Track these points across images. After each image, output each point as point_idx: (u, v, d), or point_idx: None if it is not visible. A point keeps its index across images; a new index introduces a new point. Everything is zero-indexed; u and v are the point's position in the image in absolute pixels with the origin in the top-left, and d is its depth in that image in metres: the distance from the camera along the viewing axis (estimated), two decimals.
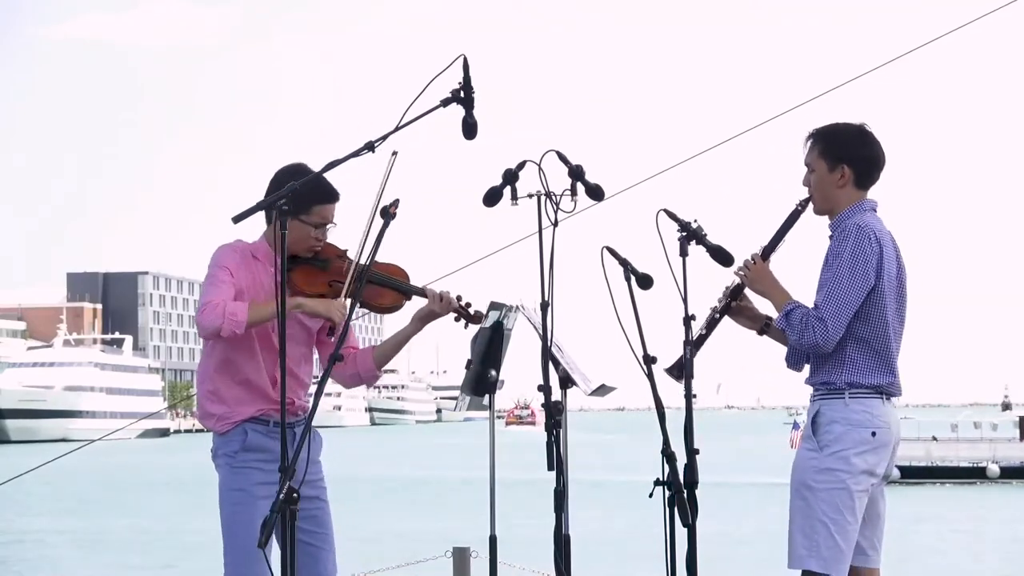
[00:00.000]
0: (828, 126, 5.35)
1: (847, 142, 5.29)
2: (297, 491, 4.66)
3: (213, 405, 5.37)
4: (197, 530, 31.35)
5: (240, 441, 5.31)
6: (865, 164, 5.29)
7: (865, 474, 5.14)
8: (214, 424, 5.36)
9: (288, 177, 5.26)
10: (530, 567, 9.22)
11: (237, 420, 5.32)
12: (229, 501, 5.31)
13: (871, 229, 5.17)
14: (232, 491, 5.30)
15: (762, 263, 5.36)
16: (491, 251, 7.36)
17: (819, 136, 5.33)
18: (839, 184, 5.28)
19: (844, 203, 5.28)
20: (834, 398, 5.17)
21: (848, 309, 5.12)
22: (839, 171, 5.27)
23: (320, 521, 5.42)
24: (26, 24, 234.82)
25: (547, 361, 5.24)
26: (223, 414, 5.34)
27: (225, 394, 5.34)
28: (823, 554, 5.09)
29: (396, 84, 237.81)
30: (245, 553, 5.20)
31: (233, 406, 5.33)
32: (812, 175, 5.33)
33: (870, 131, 5.32)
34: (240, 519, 5.25)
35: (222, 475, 5.35)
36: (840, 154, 5.27)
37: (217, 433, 5.37)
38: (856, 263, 5.12)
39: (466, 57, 4.91)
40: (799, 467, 5.20)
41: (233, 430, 5.32)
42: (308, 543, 5.35)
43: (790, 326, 5.19)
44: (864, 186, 5.30)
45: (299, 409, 5.41)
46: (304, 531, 5.33)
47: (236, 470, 5.30)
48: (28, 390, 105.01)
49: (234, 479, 5.30)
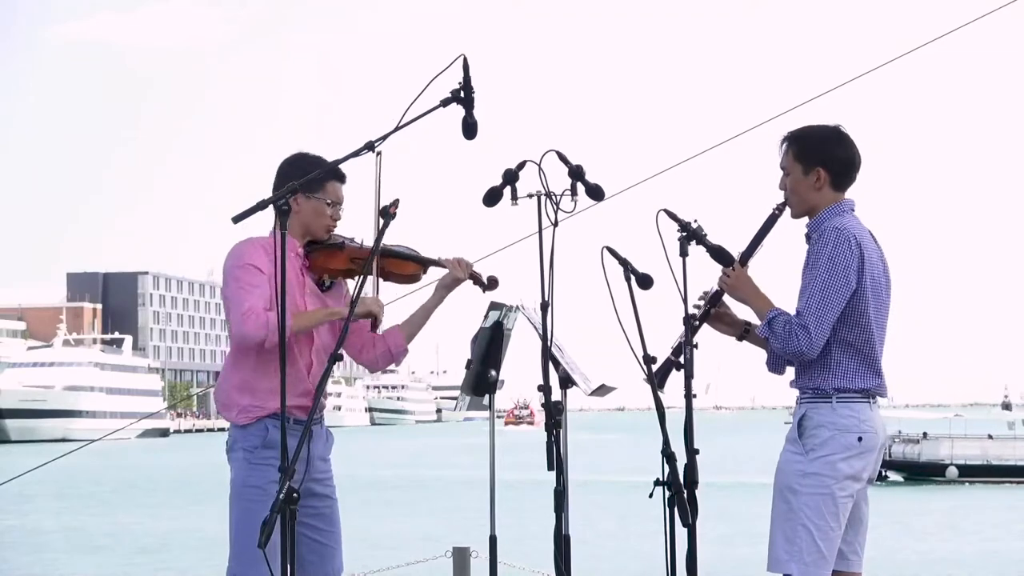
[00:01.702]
0: (802, 128, 5.30)
1: (822, 144, 5.23)
2: (297, 491, 4.65)
3: (241, 396, 5.28)
4: (197, 530, 31.36)
5: (261, 437, 5.24)
6: (841, 166, 5.23)
7: (850, 479, 5.10)
8: (236, 415, 5.28)
9: (291, 167, 5.30)
10: (530, 567, 9.22)
11: (261, 414, 5.24)
12: (243, 497, 5.24)
13: (850, 232, 5.12)
14: (247, 488, 5.23)
15: (741, 269, 5.30)
16: (491, 251, 7.37)
17: (793, 139, 5.28)
18: (815, 187, 5.22)
19: (821, 206, 5.22)
20: (821, 402, 5.13)
21: (830, 314, 5.07)
22: (814, 174, 5.21)
23: (330, 519, 5.40)
24: (27, 24, 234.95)
25: (547, 361, 5.24)
26: (248, 405, 5.26)
27: (258, 385, 5.24)
28: (804, 559, 5.05)
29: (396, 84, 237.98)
30: (254, 551, 5.19)
31: (263, 398, 5.23)
32: (788, 179, 5.27)
33: (845, 132, 5.26)
34: (252, 517, 5.16)
35: (237, 469, 5.28)
36: (815, 157, 5.22)
37: (237, 425, 5.29)
38: (836, 267, 5.07)
39: (466, 57, 4.91)
40: (783, 470, 5.15)
41: (255, 424, 5.25)
42: (318, 541, 5.34)
43: (773, 334, 5.15)
44: (841, 187, 5.24)
45: (321, 407, 5.40)
46: (314, 529, 5.34)
47: (254, 466, 5.23)
48: (28, 390, 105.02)
49: (250, 475, 5.22)
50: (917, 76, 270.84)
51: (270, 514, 4.59)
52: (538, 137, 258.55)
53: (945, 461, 47.87)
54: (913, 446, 48.75)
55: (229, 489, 5.31)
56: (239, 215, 5.15)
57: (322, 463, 5.39)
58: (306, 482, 5.28)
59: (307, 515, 5.29)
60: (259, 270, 5.23)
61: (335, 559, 5.41)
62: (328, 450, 5.45)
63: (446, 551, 8.45)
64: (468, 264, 5.49)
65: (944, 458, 48.03)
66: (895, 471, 48.51)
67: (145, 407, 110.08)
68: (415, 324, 5.55)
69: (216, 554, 5.40)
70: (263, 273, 5.23)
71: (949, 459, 47.89)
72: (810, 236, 5.23)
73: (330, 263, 5.42)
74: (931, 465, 48.03)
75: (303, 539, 5.29)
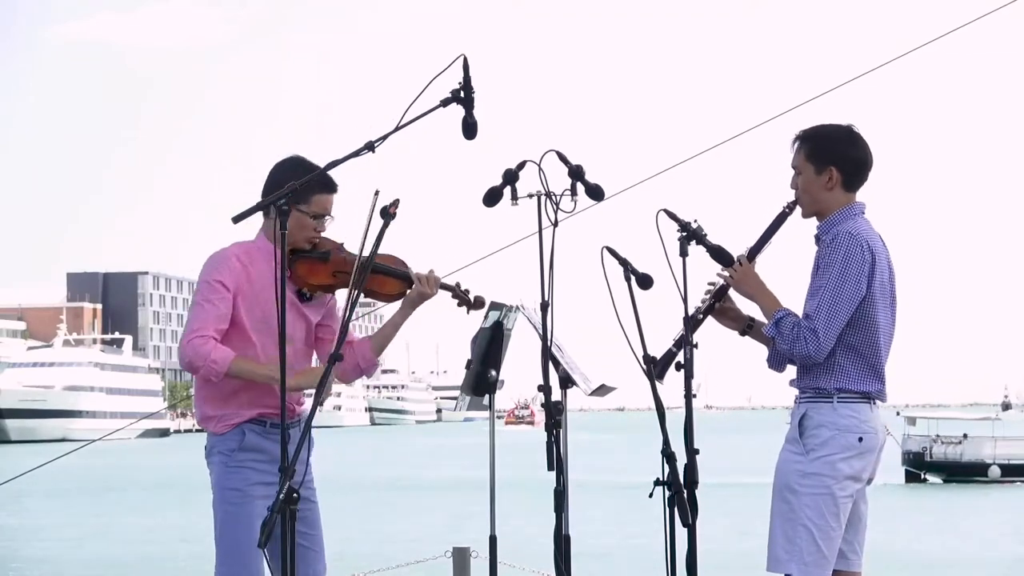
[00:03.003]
0: (815, 128, 5.27)
1: (834, 144, 5.21)
2: (297, 491, 4.67)
3: (213, 407, 5.35)
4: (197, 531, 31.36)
5: (238, 440, 5.29)
6: (853, 166, 5.22)
7: (850, 480, 5.09)
8: (213, 426, 5.35)
9: (285, 171, 5.27)
10: (530, 567, 9.22)
11: (237, 421, 5.31)
12: (224, 500, 5.30)
13: (863, 238, 5.11)
14: (227, 490, 5.28)
15: (748, 265, 5.29)
16: (491, 251, 7.37)
17: (806, 138, 5.26)
18: (827, 187, 5.20)
19: (832, 206, 5.21)
20: (822, 401, 5.12)
21: (840, 319, 5.06)
22: (827, 174, 5.20)
23: (311, 522, 5.42)
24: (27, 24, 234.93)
25: (547, 361, 5.24)
26: (223, 415, 5.32)
27: (228, 395, 5.31)
28: (804, 559, 5.04)
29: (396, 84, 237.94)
30: (239, 554, 5.21)
31: (235, 408, 5.31)
32: (799, 178, 5.25)
33: (858, 132, 5.24)
34: (235, 519, 5.24)
35: (216, 474, 5.33)
36: (827, 156, 5.20)
37: (214, 434, 5.36)
38: (848, 272, 5.06)
39: (466, 57, 4.91)
40: (783, 470, 5.14)
41: (231, 431, 5.31)
42: (301, 544, 5.34)
43: (780, 335, 5.14)
44: (852, 188, 5.23)
45: (296, 413, 5.41)
46: (298, 532, 5.34)
47: (232, 469, 5.28)
48: (28, 390, 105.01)
49: (229, 478, 5.28)
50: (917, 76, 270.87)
51: (270, 514, 4.60)
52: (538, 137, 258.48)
53: (988, 461, 48.06)
54: (955, 447, 48.77)
55: (212, 494, 5.35)
56: (239, 215, 5.15)
57: (302, 466, 5.39)
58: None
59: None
60: (224, 287, 5.25)
61: (319, 562, 5.44)
62: (309, 452, 5.45)
63: (446, 551, 8.44)
64: (436, 280, 5.44)
65: (987, 458, 48.20)
66: (936, 472, 48.66)
67: (145, 407, 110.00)
68: (384, 338, 5.54)
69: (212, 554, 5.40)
70: (227, 290, 5.25)
71: (992, 459, 48.06)
72: (820, 238, 5.22)
73: (312, 277, 5.39)
74: (974, 465, 48.22)
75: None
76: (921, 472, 48.77)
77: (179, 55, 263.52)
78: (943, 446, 48.93)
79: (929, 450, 48.52)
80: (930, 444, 48.63)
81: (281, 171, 5.32)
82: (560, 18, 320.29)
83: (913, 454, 48.71)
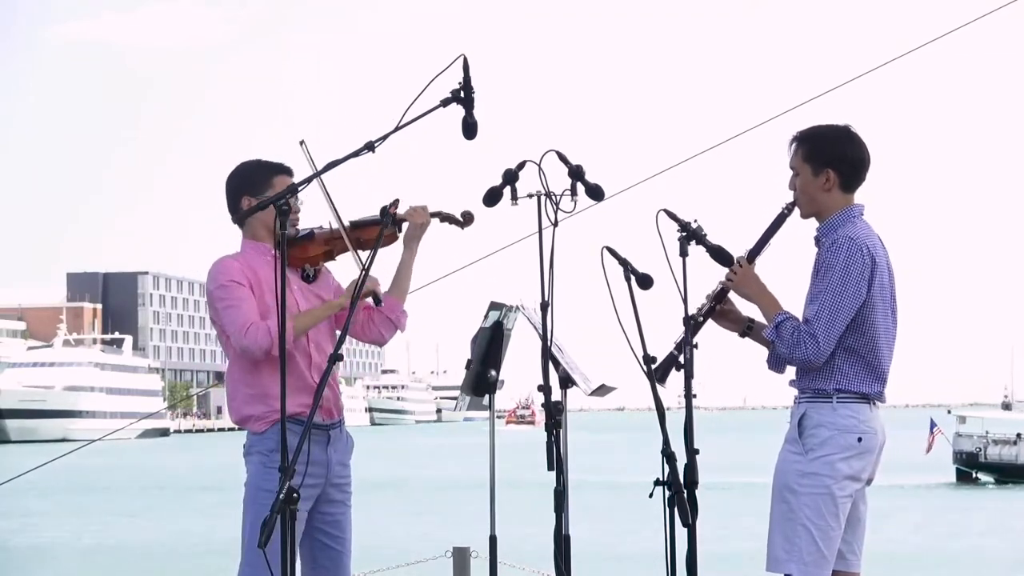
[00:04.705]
0: (812, 128, 5.26)
1: (831, 145, 5.19)
2: (297, 491, 4.65)
3: (253, 406, 5.28)
4: (197, 531, 31.37)
5: (276, 440, 5.18)
6: (850, 167, 5.20)
7: (849, 480, 5.08)
8: (253, 424, 5.29)
9: (240, 179, 5.36)
10: (530, 567, 9.22)
11: (276, 418, 5.17)
12: (256, 501, 5.20)
13: (863, 242, 5.10)
14: (261, 491, 5.18)
15: (748, 266, 5.28)
16: (491, 251, 7.37)
17: (803, 139, 5.24)
18: (825, 188, 5.19)
19: (831, 207, 5.20)
20: (822, 401, 5.12)
21: (839, 324, 5.06)
22: (824, 175, 5.18)
23: (343, 526, 5.40)
24: (27, 24, 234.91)
25: (547, 361, 5.24)
26: (262, 413, 5.26)
27: (271, 392, 5.19)
28: (804, 559, 5.03)
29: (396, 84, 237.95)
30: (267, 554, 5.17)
31: (276, 404, 5.14)
32: (797, 179, 5.24)
33: (855, 133, 5.23)
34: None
35: (252, 471, 5.27)
36: (825, 158, 5.18)
37: (253, 432, 5.30)
38: (848, 277, 5.05)
39: (466, 57, 4.91)
40: (782, 469, 5.13)
41: (271, 429, 5.22)
42: (332, 548, 5.35)
43: (780, 339, 5.13)
44: (850, 189, 5.22)
45: (337, 409, 5.39)
46: (330, 536, 5.36)
47: (269, 470, 5.17)
48: (28, 390, 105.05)
49: (265, 479, 5.18)
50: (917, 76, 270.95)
51: (270, 514, 4.59)
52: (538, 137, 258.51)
53: None
54: (1009, 447, 48.33)
55: (244, 492, 5.30)
56: (240, 215, 5.15)
57: (342, 468, 5.39)
58: (326, 487, 5.30)
59: (324, 521, 5.33)
60: (239, 284, 5.25)
61: (346, 567, 5.41)
62: (348, 454, 5.44)
63: (446, 551, 8.45)
64: (424, 209, 5.41)
65: None
66: (989, 472, 48.23)
67: (145, 407, 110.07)
68: (401, 284, 5.48)
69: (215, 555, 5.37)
70: (244, 285, 5.25)
71: None
72: (820, 241, 5.21)
73: (308, 252, 5.41)
74: None
75: (319, 544, 5.35)
76: (973, 472, 48.22)
77: (179, 55, 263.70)
78: (997, 447, 48.38)
79: (984, 451, 47.98)
80: (984, 445, 48.05)
81: (240, 176, 5.37)
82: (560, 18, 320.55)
83: (967, 454, 48.20)
